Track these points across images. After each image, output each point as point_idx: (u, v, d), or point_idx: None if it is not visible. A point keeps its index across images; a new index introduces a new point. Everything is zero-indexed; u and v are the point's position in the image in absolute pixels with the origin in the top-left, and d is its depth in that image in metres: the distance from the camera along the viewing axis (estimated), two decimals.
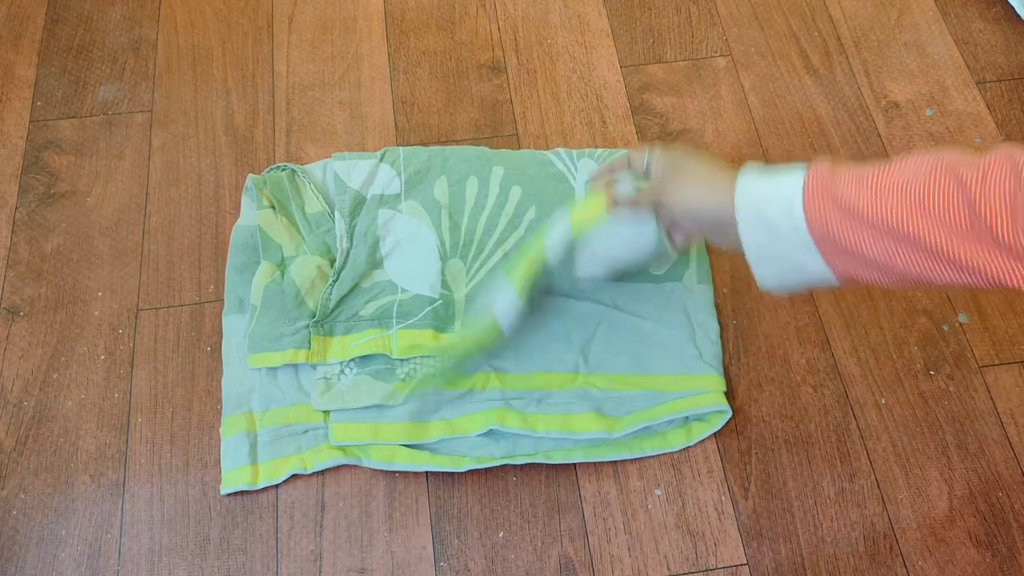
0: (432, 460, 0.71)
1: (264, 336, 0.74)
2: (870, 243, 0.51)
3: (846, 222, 0.52)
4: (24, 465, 0.72)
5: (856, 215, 0.51)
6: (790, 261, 0.56)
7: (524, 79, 0.95)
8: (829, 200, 0.52)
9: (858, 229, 0.51)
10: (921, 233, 0.49)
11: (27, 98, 0.93)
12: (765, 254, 0.57)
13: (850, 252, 0.52)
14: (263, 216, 0.81)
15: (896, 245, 0.50)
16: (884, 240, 0.51)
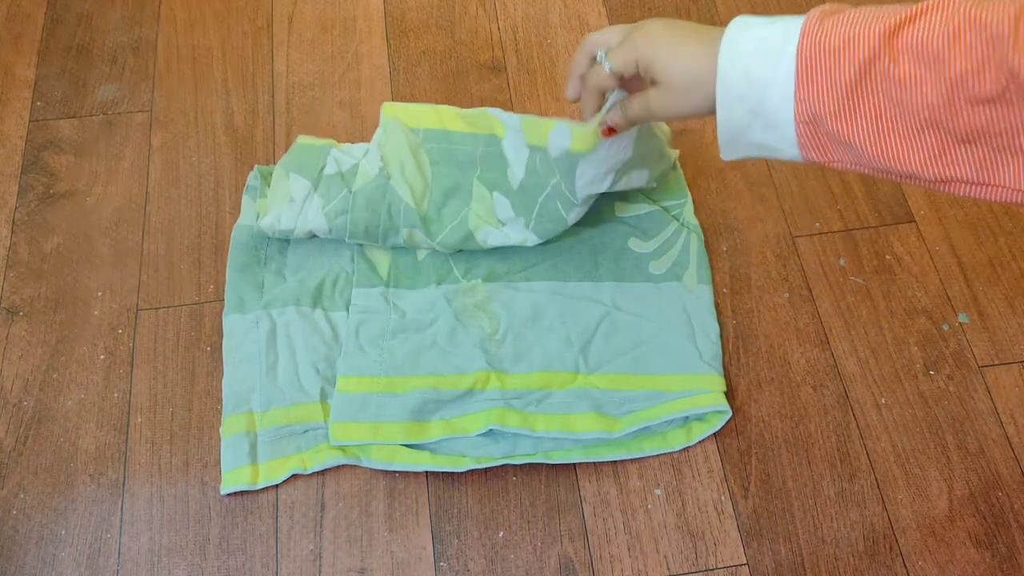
0: (432, 460, 0.71)
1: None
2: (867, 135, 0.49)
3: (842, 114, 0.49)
4: (24, 465, 0.72)
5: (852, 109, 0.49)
6: (762, 135, 0.54)
7: (524, 79, 0.95)
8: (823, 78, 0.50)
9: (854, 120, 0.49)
10: (948, 119, 0.46)
11: (27, 98, 0.93)
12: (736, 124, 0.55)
13: (841, 141, 0.50)
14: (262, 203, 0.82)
15: (914, 136, 0.48)
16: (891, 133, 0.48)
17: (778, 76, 0.51)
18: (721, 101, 0.54)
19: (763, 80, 0.51)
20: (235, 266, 0.80)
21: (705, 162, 0.89)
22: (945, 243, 0.84)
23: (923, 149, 0.48)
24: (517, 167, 0.77)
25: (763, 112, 0.52)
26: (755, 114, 0.53)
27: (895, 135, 0.48)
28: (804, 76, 0.50)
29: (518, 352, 0.76)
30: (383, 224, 0.78)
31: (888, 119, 0.48)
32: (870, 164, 0.50)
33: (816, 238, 0.84)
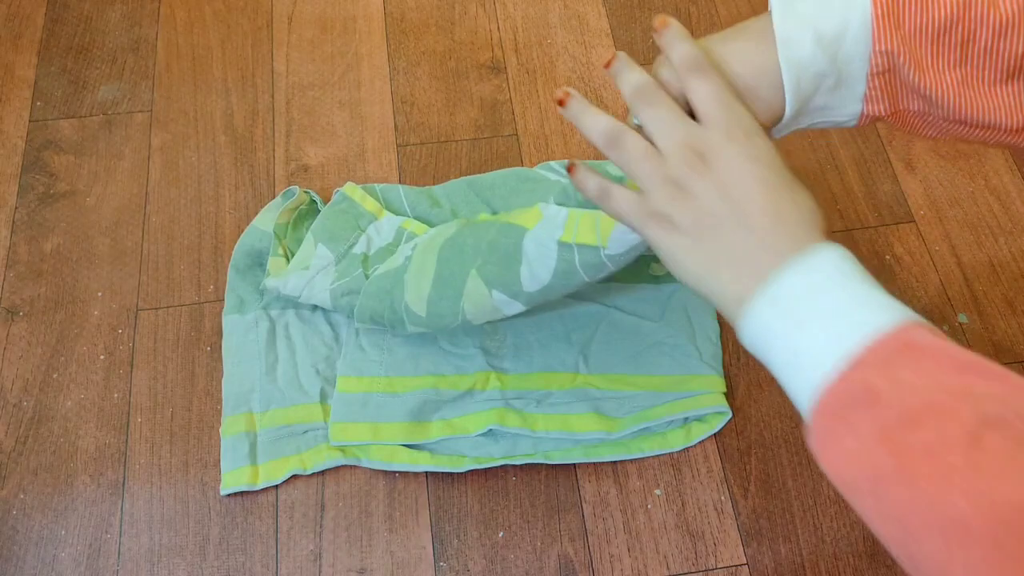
0: (432, 460, 0.71)
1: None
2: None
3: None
4: (24, 465, 0.72)
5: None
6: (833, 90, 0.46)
7: (524, 79, 0.95)
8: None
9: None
10: None
11: (27, 98, 0.93)
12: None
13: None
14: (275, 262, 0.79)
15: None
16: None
17: (851, 26, 0.44)
18: (787, 67, 0.45)
19: (834, 34, 0.44)
20: (236, 267, 0.80)
21: None
22: (945, 243, 0.84)
23: (1011, 95, 0.43)
24: (539, 267, 0.63)
25: (833, 70, 0.45)
26: (823, 75, 0.45)
27: (983, 84, 0.43)
28: (884, 21, 0.43)
29: (518, 352, 0.76)
30: (387, 317, 0.72)
31: (978, 69, 0.43)
32: (944, 115, 0.45)
33: None
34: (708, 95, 0.46)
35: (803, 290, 0.41)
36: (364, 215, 0.80)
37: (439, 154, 0.90)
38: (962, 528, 0.31)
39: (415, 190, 0.84)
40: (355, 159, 0.89)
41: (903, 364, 0.36)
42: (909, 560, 0.34)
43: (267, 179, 0.88)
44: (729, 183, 0.44)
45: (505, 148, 0.90)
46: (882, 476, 0.35)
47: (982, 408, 0.34)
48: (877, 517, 0.35)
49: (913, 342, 0.37)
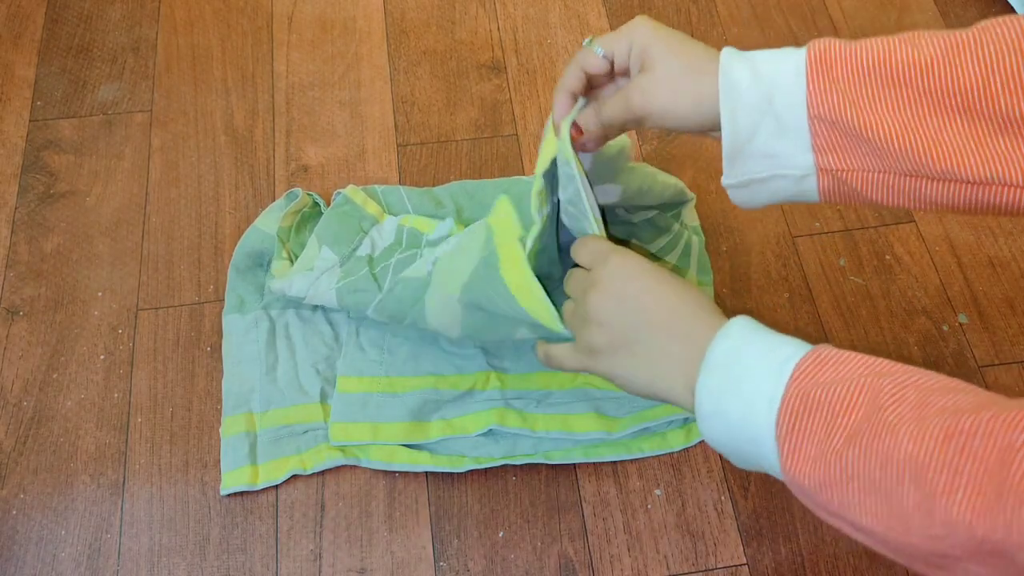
0: (431, 460, 0.71)
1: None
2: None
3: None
4: (24, 465, 0.72)
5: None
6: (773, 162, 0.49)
7: (524, 79, 0.95)
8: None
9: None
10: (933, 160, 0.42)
11: (27, 98, 0.93)
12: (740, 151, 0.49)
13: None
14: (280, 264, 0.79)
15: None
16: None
17: (786, 69, 0.46)
18: (724, 96, 0.48)
19: (770, 73, 0.47)
20: (237, 267, 0.80)
21: (705, 162, 0.89)
22: (945, 243, 0.84)
23: (960, 135, 0.43)
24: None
25: (772, 110, 0.47)
26: (762, 112, 0.47)
27: (929, 125, 0.43)
28: (816, 67, 0.46)
29: (518, 352, 0.76)
30: (409, 318, 0.71)
31: (921, 107, 0.43)
32: (896, 165, 0.45)
33: (816, 238, 0.84)
34: (583, 252, 0.55)
35: (733, 351, 0.46)
36: (366, 217, 0.80)
37: (439, 154, 0.90)
38: (914, 461, 0.36)
39: (417, 191, 0.84)
40: (355, 159, 0.89)
41: (823, 371, 0.42)
42: (896, 538, 0.38)
43: (267, 179, 0.88)
44: (622, 301, 0.51)
45: (505, 148, 0.90)
46: (843, 456, 0.39)
47: (893, 378, 0.40)
48: (857, 503, 0.39)
49: (823, 356, 0.43)
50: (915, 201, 0.47)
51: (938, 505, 0.35)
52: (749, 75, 0.47)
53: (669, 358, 0.49)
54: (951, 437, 0.36)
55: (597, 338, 0.52)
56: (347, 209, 0.80)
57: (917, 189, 0.46)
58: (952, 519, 0.35)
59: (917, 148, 0.44)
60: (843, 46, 0.45)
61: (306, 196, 0.83)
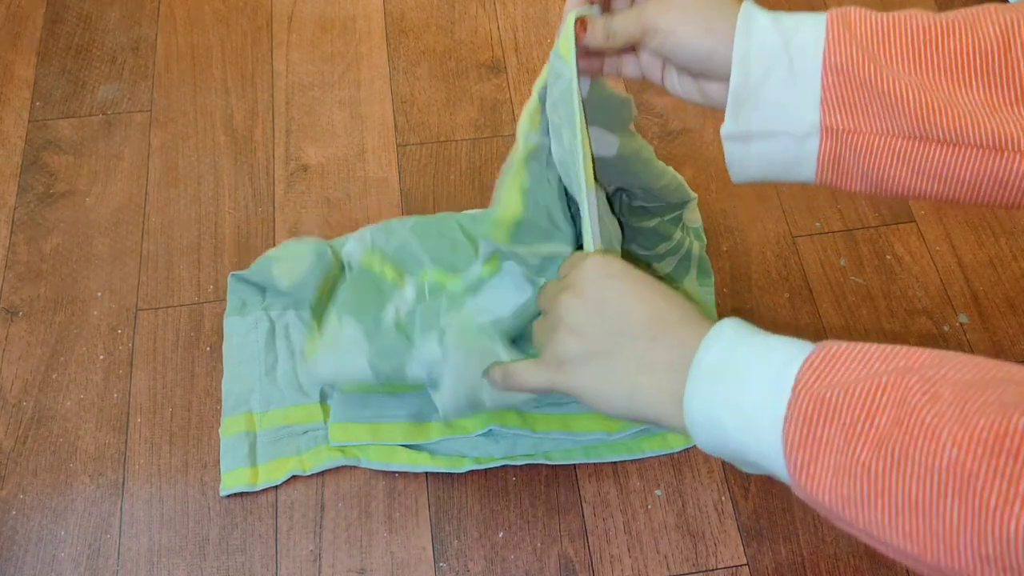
0: (431, 461, 0.71)
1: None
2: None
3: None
4: (23, 465, 0.72)
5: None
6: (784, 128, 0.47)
7: (524, 79, 0.95)
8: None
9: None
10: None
11: (26, 98, 0.93)
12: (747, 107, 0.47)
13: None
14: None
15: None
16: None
17: (807, 20, 0.45)
18: (740, 33, 0.46)
19: (791, 23, 0.45)
20: (240, 278, 0.79)
21: (705, 162, 0.89)
22: (945, 243, 0.84)
23: (976, 101, 0.41)
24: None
25: (786, 54, 0.45)
26: (776, 57, 0.45)
27: (940, 83, 0.42)
28: (837, 22, 0.45)
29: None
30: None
31: (931, 65, 0.42)
32: (906, 126, 0.43)
33: (816, 238, 0.84)
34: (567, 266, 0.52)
35: (726, 355, 0.42)
36: (385, 284, 0.74)
37: (439, 154, 0.90)
38: (961, 469, 0.32)
39: (422, 226, 0.78)
40: (355, 159, 0.89)
41: (836, 370, 0.38)
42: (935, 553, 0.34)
43: (267, 179, 0.87)
44: (600, 304, 0.47)
45: (505, 148, 0.90)
46: (870, 468, 0.35)
47: (921, 374, 0.35)
48: (887, 522, 0.35)
49: (833, 353, 0.39)
50: (920, 174, 0.44)
51: (992, 520, 0.31)
52: (770, 20, 0.46)
53: (652, 368, 0.45)
54: (1002, 438, 0.32)
55: (569, 346, 0.47)
56: (365, 279, 0.74)
57: (923, 155, 0.44)
58: (1009, 535, 0.31)
59: (931, 107, 0.42)
60: (866, 11, 0.45)
61: (334, 257, 0.78)
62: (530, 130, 0.58)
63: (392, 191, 0.87)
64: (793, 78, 0.45)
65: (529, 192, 0.59)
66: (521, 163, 0.58)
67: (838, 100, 0.45)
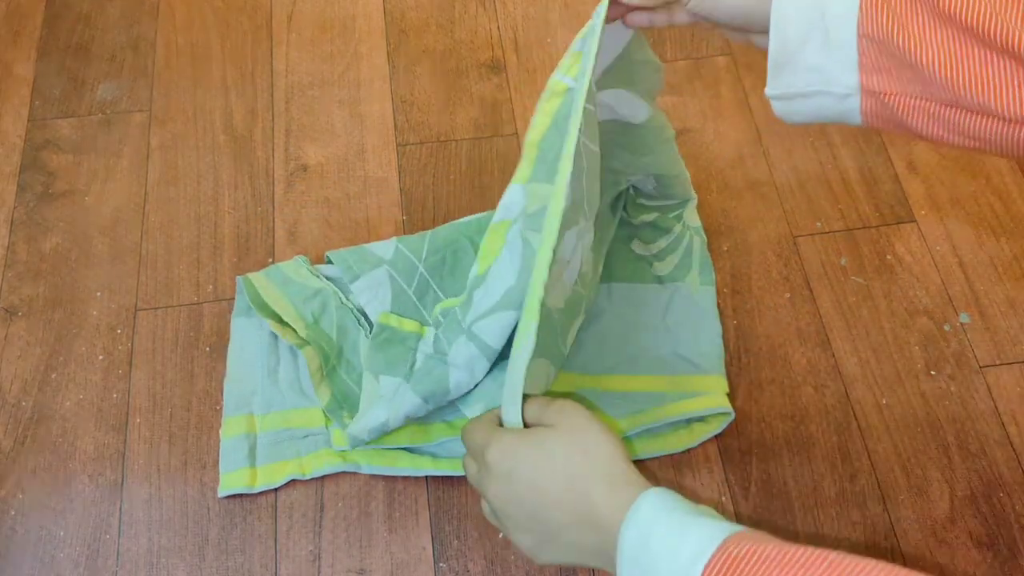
0: (433, 464, 0.71)
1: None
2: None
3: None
4: (22, 465, 0.72)
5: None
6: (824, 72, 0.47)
7: (524, 78, 0.94)
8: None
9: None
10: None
11: (25, 96, 0.93)
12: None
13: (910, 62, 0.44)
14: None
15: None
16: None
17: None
18: (777, 4, 0.47)
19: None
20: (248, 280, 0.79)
21: (706, 161, 0.88)
22: (946, 243, 0.84)
23: (1000, 75, 0.42)
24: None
25: (822, 23, 0.46)
26: (812, 24, 0.46)
27: (968, 55, 0.42)
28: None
29: None
30: None
31: (960, 37, 0.42)
32: (938, 93, 0.44)
33: (817, 238, 0.84)
34: (467, 437, 0.54)
35: (642, 539, 0.43)
36: (409, 338, 0.74)
37: (439, 153, 0.89)
38: None
39: (437, 260, 0.78)
40: (355, 158, 0.89)
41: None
42: None
43: (266, 178, 0.87)
44: (519, 499, 0.49)
45: (505, 148, 0.90)
46: None
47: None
48: None
49: (736, 557, 0.40)
50: (954, 133, 0.46)
51: None
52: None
53: (584, 546, 0.47)
54: None
55: (517, 539, 0.50)
56: (387, 336, 0.73)
57: (957, 120, 0.45)
58: None
59: (958, 79, 0.43)
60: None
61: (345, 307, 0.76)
62: (567, 73, 0.59)
63: (392, 191, 0.87)
64: (829, 46, 0.46)
65: (554, 122, 0.59)
66: (557, 95, 0.59)
67: (874, 66, 0.45)
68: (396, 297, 0.74)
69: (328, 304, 0.72)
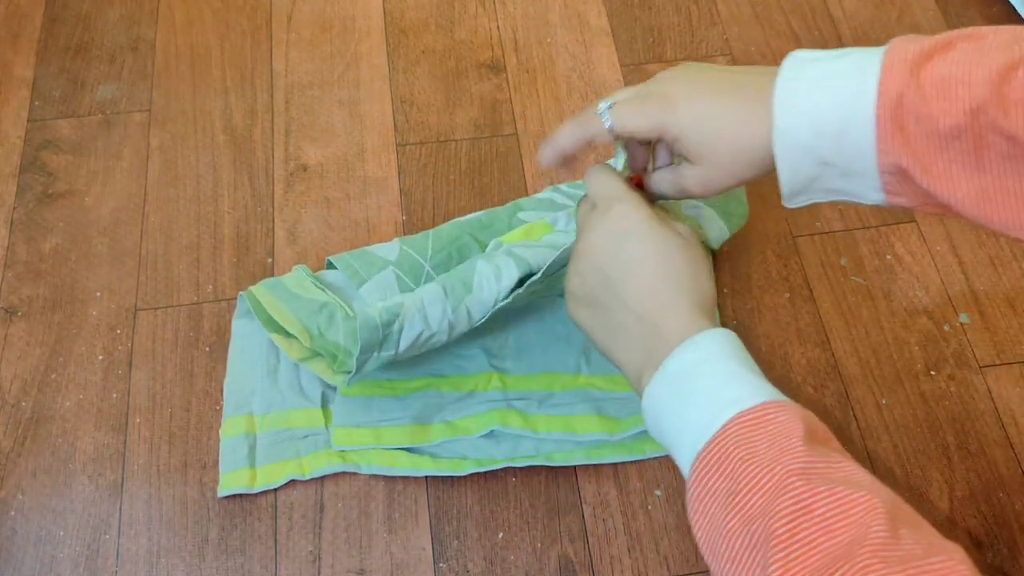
0: (433, 465, 0.71)
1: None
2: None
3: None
4: (22, 466, 0.72)
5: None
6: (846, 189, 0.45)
7: (524, 78, 0.94)
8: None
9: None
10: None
11: (25, 97, 0.93)
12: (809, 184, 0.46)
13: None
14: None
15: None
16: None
17: (855, 122, 0.42)
18: (782, 156, 0.44)
19: (835, 131, 0.42)
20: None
21: None
22: (946, 243, 0.84)
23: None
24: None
25: (837, 161, 0.43)
26: (826, 164, 0.44)
27: (1003, 196, 0.40)
28: (888, 123, 0.41)
29: (520, 353, 0.76)
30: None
31: (995, 178, 0.40)
32: (974, 222, 0.43)
33: (817, 238, 0.84)
34: (593, 181, 0.52)
35: (687, 369, 0.44)
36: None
37: (439, 153, 0.89)
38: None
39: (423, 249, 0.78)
40: (354, 158, 0.89)
41: (754, 433, 0.41)
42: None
43: (266, 178, 0.87)
44: (608, 260, 0.48)
45: (505, 148, 0.90)
46: (732, 542, 0.38)
47: (792, 495, 0.38)
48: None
49: (765, 417, 0.42)
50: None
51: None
52: (810, 132, 0.43)
53: (628, 342, 0.47)
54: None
55: (573, 282, 0.51)
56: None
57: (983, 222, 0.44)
58: None
59: (992, 215, 0.41)
60: (928, 91, 0.40)
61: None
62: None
63: (392, 191, 0.87)
64: (847, 176, 0.44)
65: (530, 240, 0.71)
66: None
67: (900, 189, 0.44)
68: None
69: (335, 316, 0.72)
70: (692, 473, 0.42)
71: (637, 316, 0.47)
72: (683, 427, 0.43)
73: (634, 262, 0.48)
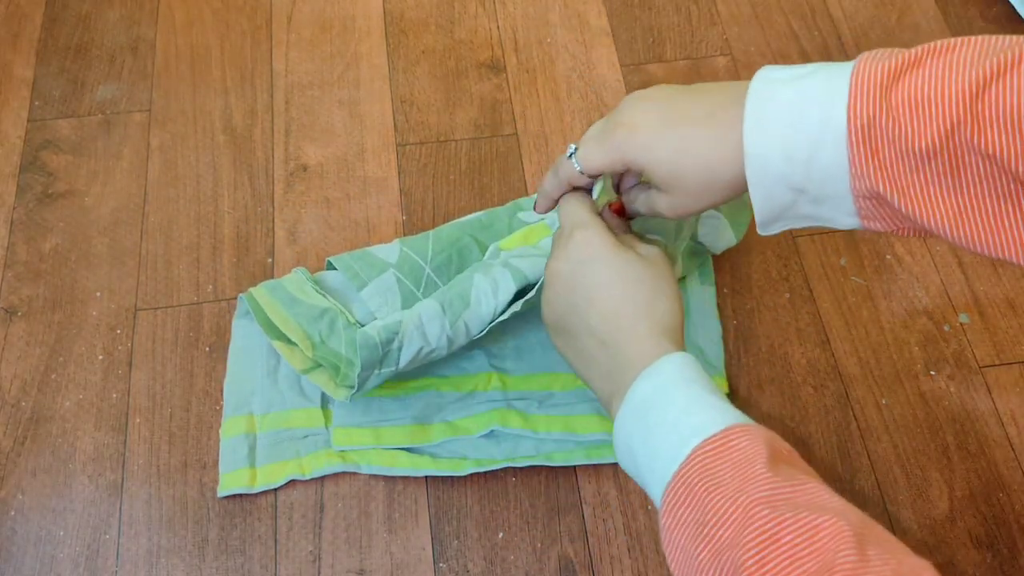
0: (433, 465, 0.71)
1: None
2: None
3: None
4: (22, 466, 0.72)
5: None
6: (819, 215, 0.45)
7: (524, 78, 0.94)
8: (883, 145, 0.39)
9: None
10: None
11: (25, 97, 0.93)
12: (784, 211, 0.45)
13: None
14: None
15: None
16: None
17: (824, 147, 0.41)
18: (755, 184, 0.43)
19: (805, 158, 0.41)
20: None
21: None
22: (946, 243, 0.84)
23: (1016, 227, 0.38)
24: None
25: (808, 188, 0.43)
26: (799, 191, 0.43)
27: (982, 215, 0.39)
28: (860, 147, 0.40)
29: (520, 353, 0.76)
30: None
31: (972, 198, 0.38)
32: (953, 244, 0.42)
33: (817, 238, 0.84)
34: (563, 208, 0.53)
35: (649, 399, 0.45)
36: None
37: (439, 153, 0.89)
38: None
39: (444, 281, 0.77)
40: (354, 158, 0.89)
41: (719, 461, 0.41)
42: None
43: (266, 178, 0.87)
44: (571, 288, 0.49)
45: (505, 148, 0.90)
46: (704, 571, 0.39)
47: (759, 523, 0.38)
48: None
49: (728, 444, 0.42)
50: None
51: None
52: (781, 157, 0.42)
53: (596, 363, 0.48)
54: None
55: (544, 310, 0.53)
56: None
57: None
58: None
59: (971, 237, 0.40)
60: (901, 110, 0.38)
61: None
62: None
63: (392, 191, 0.87)
64: (821, 202, 0.44)
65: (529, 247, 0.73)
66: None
67: (874, 214, 0.43)
68: (406, 301, 0.74)
69: (336, 323, 0.72)
70: (663, 504, 0.42)
71: (600, 341, 0.48)
72: (652, 457, 0.44)
73: (595, 288, 0.48)
